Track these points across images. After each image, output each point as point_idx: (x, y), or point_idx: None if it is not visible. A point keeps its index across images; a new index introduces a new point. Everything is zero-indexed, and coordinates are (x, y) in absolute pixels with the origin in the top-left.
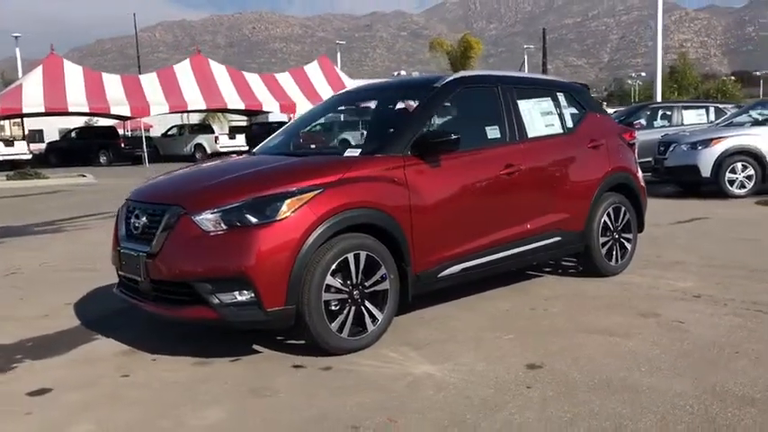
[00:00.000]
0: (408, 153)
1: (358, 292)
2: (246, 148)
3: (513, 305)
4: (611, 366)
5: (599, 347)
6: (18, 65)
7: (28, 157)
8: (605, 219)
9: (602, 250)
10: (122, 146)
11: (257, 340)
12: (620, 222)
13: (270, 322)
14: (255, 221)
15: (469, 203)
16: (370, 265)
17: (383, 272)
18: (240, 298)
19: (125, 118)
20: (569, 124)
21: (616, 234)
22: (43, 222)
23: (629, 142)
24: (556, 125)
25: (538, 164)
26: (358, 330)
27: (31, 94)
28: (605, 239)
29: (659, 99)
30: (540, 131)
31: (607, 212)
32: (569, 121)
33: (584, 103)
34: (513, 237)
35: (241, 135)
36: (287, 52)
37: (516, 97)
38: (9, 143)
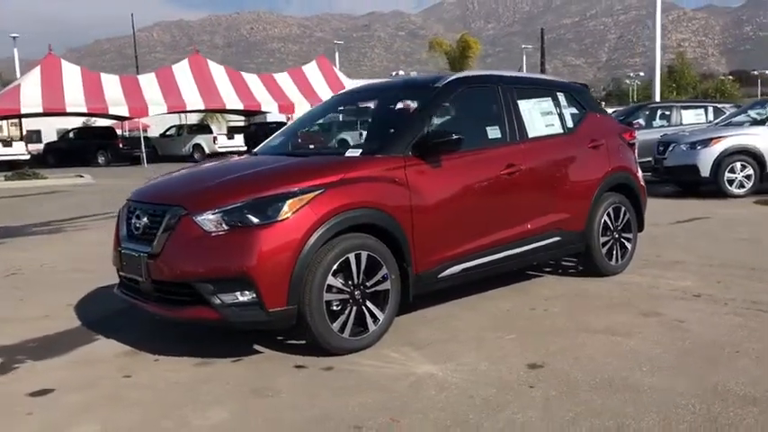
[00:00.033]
0: (409, 153)
1: (359, 292)
2: (245, 148)
3: (513, 305)
4: (612, 366)
5: (600, 347)
6: (16, 65)
7: (26, 157)
8: (605, 218)
9: (603, 250)
10: (121, 146)
11: (258, 340)
12: (620, 222)
13: (271, 322)
14: (257, 222)
15: (470, 203)
16: (371, 266)
17: (384, 272)
18: (242, 298)
19: (123, 118)
20: (569, 124)
21: (616, 234)
22: (42, 223)
23: (629, 142)
24: (556, 125)
25: (538, 164)
26: (359, 330)
27: (29, 94)
28: (605, 239)
29: (658, 99)
30: (541, 131)
31: (607, 212)
32: (569, 121)
33: (584, 102)
34: (514, 237)
35: (239, 135)
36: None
37: (517, 97)
38: (7, 144)
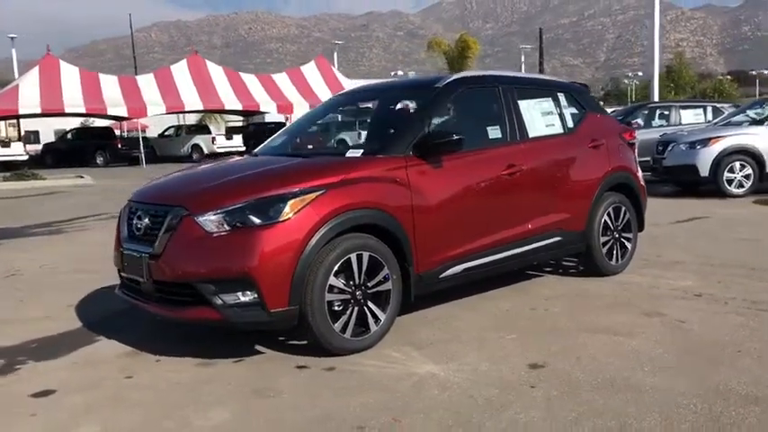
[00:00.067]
0: (410, 153)
1: (361, 292)
2: (243, 148)
3: (514, 305)
4: (613, 366)
5: (601, 347)
6: (14, 66)
7: (24, 158)
8: (606, 218)
9: (603, 250)
10: (119, 147)
11: (260, 341)
12: (620, 222)
13: (273, 323)
14: (258, 222)
15: (471, 204)
16: (372, 266)
17: (386, 272)
18: (243, 299)
19: (122, 119)
20: (570, 124)
21: (616, 233)
22: (42, 224)
23: (629, 142)
24: (556, 125)
25: (539, 164)
26: (361, 331)
27: (28, 95)
28: (606, 239)
29: (656, 99)
30: (541, 131)
31: (608, 212)
32: (570, 121)
33: (584, 102)
34: (515, 237)
35: (238, 135)
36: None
37: (517, 97)
38: (5, 144)
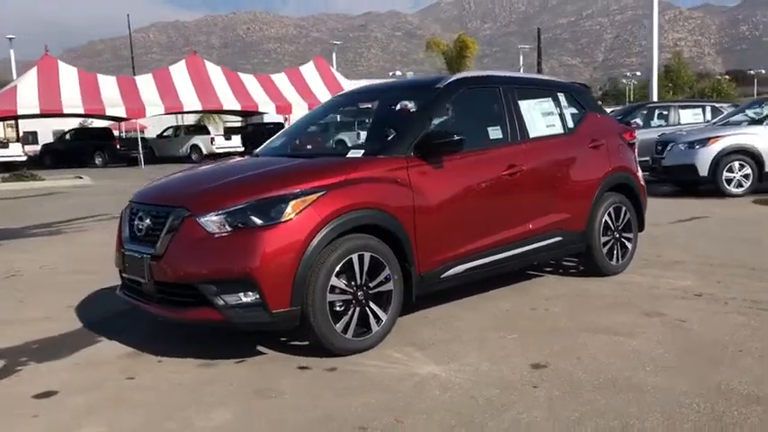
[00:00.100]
0: (411, 154)
1: (362, 292)
2: (242, 148)
3: (514, 305)
4: (615, 366)
5: (602, 347)
6: (12, 67)
7: (23, 158)
8: (606, 218)
9: (603, 250)
10: (118, 147)
11: (262, 342)
12: (620, 222)
13: (275, 323)
14: (260, 223)
15: (472, 204)
16: (374, 266)
17: (387, 273)
18: (245, 299)
19: (120, 119)
20: (570, 124)
21: (617, 233)
22: (41, 225)
23: (629, 142)
24: (557, 125)
25: (539, 164)
26: (362, 331)
27: (26, 95)
28: (606, 239)
29: (655, 98)
30: (542, 132)
31: (608, 212)
32: (570, 122)
33: (584, 103)
34: (516, 237)
35: (237, 136)
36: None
37: (518, 97)
38: (4, 145)
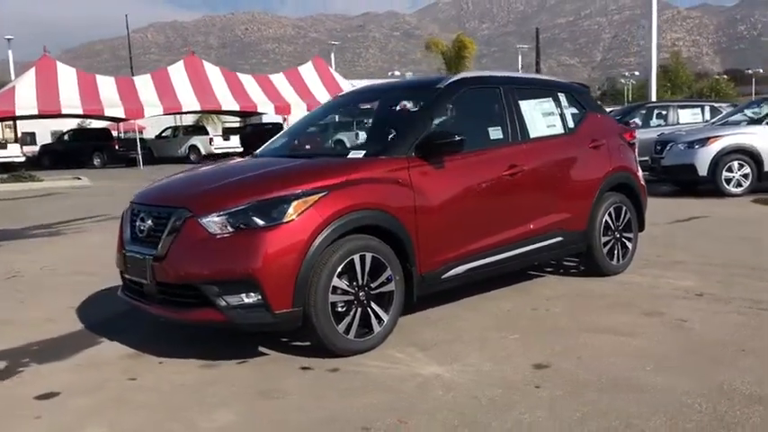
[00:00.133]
0: (412, 154)
1: (364, 293)
2: (241, 149)
3: (515, 305)
4: (617, 366)
5: (604, 347)
6: (10, 67)
7: (21, 159)
8: (607, 218)
9: (604, 250)
10: (116, 148)
11: (264, 342)
12: (621, 222)
13: (277, 324)
14: (262, 224)
15: (473, 204)
16: (375, 267)
17: (389, 273)
18: (247, 300)
19: (119, 120)
20: (570, 124)
21: (617, 233)
22: (40, 225)
23: (629, 142)
24: (557, 125)
25: (540, 164)
26: (364, 332)
27: (25, 96)
28: (607, 239)
29: (654, 98)
30: (542, 132)
31: (608, 212)
32: (570, 122)
33: (584, 103)
34: (517, 237)
35: (235, 136)
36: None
37: (518, 98)
38: (2, 146)
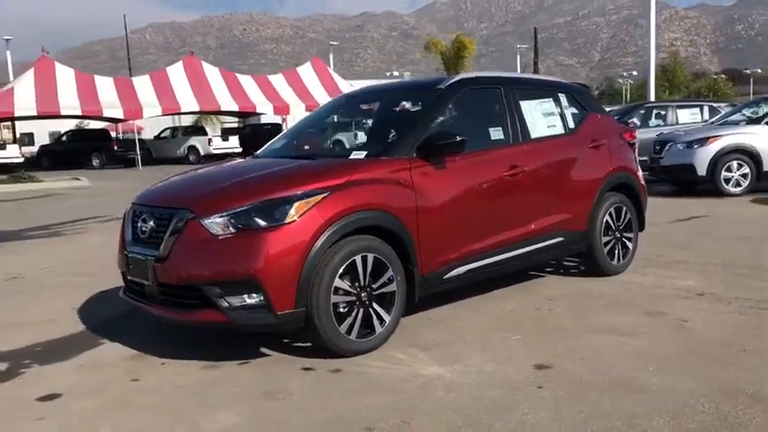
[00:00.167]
0: (414, 155)
1: (366, 294)
2: (240, 149)
3: (517, 305)
4: (619, 366)
5: (606, 347)
6: (9, 68)
7: (20, 160)
8: (607, 218)
9: (605, 250)
10: (115, 149)
11: (265, 343)
12: (621, 222)
13: (279, 325)
14: (264, 225)
15: (475, 205)
16: (377, 267)
17: (390, 274)
18: (249, 301)
19: (118, 120)
20: (571, 125)
21: (618, 233)
22: (40, 226)
23: (629, 142)
24: (558, 126)
25: (541, 165)
26: (366, 332)
27: (23, 97)
28: (607, 239)
29: (652, 98)
30: (543, 132)
31: (609, 212)
32: (571, 122)
33: (584, 103)
34: (518, 237)
35: (234, 137)
36: (278, 53)
37: (519, 98)
38: (1, 147)
